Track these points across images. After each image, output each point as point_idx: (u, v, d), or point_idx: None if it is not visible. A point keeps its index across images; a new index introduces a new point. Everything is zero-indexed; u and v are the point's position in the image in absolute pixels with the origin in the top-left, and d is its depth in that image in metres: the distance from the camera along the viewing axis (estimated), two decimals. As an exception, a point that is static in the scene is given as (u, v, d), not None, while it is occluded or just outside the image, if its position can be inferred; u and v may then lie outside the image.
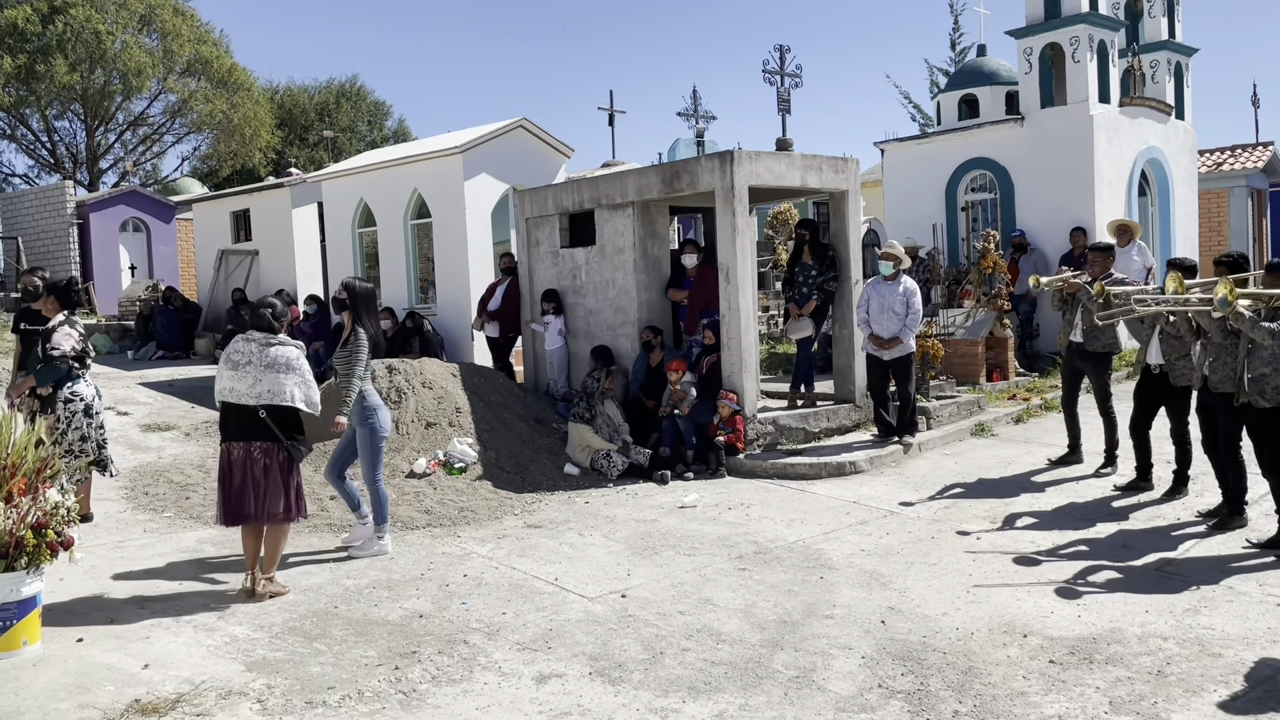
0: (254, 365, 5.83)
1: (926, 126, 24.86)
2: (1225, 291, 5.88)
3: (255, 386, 5.81)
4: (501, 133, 13.69)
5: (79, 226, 21.10)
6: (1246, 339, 6.13)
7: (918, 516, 7.39)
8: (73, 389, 7.42)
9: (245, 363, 5.84)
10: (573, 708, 4.37)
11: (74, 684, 4.63)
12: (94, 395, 7.59)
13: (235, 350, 5.92)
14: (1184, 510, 7.26)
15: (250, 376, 5.82)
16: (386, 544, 6.79)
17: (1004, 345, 12.39)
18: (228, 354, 5.93)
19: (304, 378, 5.94)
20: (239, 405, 5.85)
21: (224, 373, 5.87)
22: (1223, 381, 6.58)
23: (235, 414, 5.88)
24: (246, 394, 5.81)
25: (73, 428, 7.38)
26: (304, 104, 41.15)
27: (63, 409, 7.35)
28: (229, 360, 5.89)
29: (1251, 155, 21.26)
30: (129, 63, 28.78)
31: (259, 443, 5.86)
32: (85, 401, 7.46)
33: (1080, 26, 14.13)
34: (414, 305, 14.26)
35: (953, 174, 15.46)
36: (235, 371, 5.84)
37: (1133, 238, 12.27)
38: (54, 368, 7.36)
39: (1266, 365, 6.03)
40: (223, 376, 5.88)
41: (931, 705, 4.31)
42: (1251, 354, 6.13)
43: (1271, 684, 4.41)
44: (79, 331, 7.57)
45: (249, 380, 5.82)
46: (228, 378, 5.85)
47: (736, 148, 9.55)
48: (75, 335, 7.50)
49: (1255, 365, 6.11)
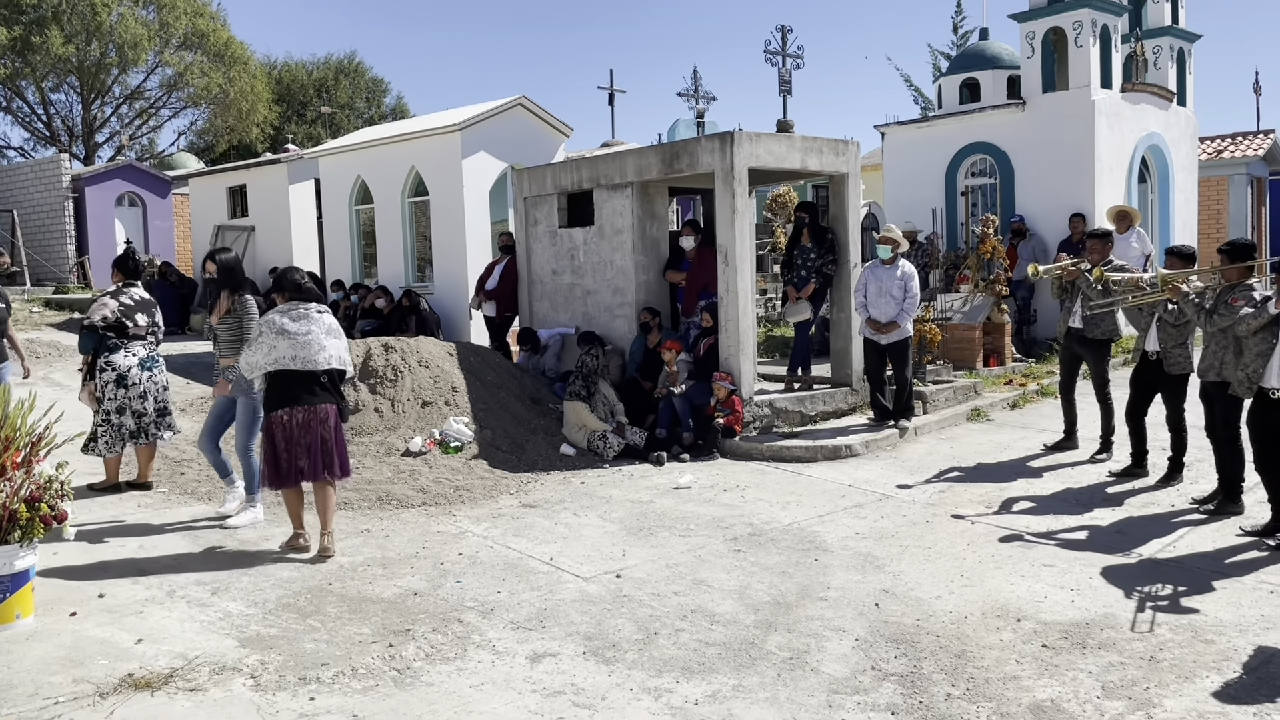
0: (316, 333, 6.12)
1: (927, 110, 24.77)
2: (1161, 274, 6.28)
3: (322, 353, 6.11)
4: (500, 111, 13.62)
5: (74, 200, 20.99)
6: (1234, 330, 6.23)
7: (913, 500, 7.40)
8: (108, 358, 7.55)
9: (306, 332, 6.10)
10: (566, 686, 4.37)
11: (67, 658, 4.63)
12: (133, 365, 7.62)
13: (290, 321, 6.11)
14: (1179, 497, 7.26)
15: (315, 344, 6.10)
16: (259, 511, 6.95)
17: (1001, 330, 12.39)
18: (279, 325, 6.08)
19: (346, 343, 6.39)
20: (301, 372, 6.07)
21: (279, 343, 6.04)
22: (1208, 370, 6.62)
23: (297, 380, 6.07)
24: (311, 360, 6.07)
25: (107, 397, 7.55)
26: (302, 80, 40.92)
27: (99, 378, 7.57)
28: (283, 331, 6.06)
29: (1252, 143, 21.20)
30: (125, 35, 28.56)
31: (323, 405, 6.12)
32: (118, 371, 7.56)
33: (1083, 11, 14.06)
34: (411, 283, 14.23)
35: (953, 158, 15.41)
36: (295, 340, 6.06)
37: (1132, 224, 12.24)
38: (86, 336, 7.58)
39: (1258, 359, 6.05)
40: (278, 346, 6.04)
41: (924, 688, 4.32)
42: (1242, 344, 6.19)
43: (1264, 671, 4.43)
44: (121, 302, 7.70)
45: (314, 348, 6.09)
46: (286, 346, 6.04)
47: (737, 129, 9.50)
48: (113, 305, 7.64)
49: (1247, 360, 6.14)
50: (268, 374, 6.11)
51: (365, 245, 16.12)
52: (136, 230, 21.79)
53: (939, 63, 27.03)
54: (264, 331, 6.09)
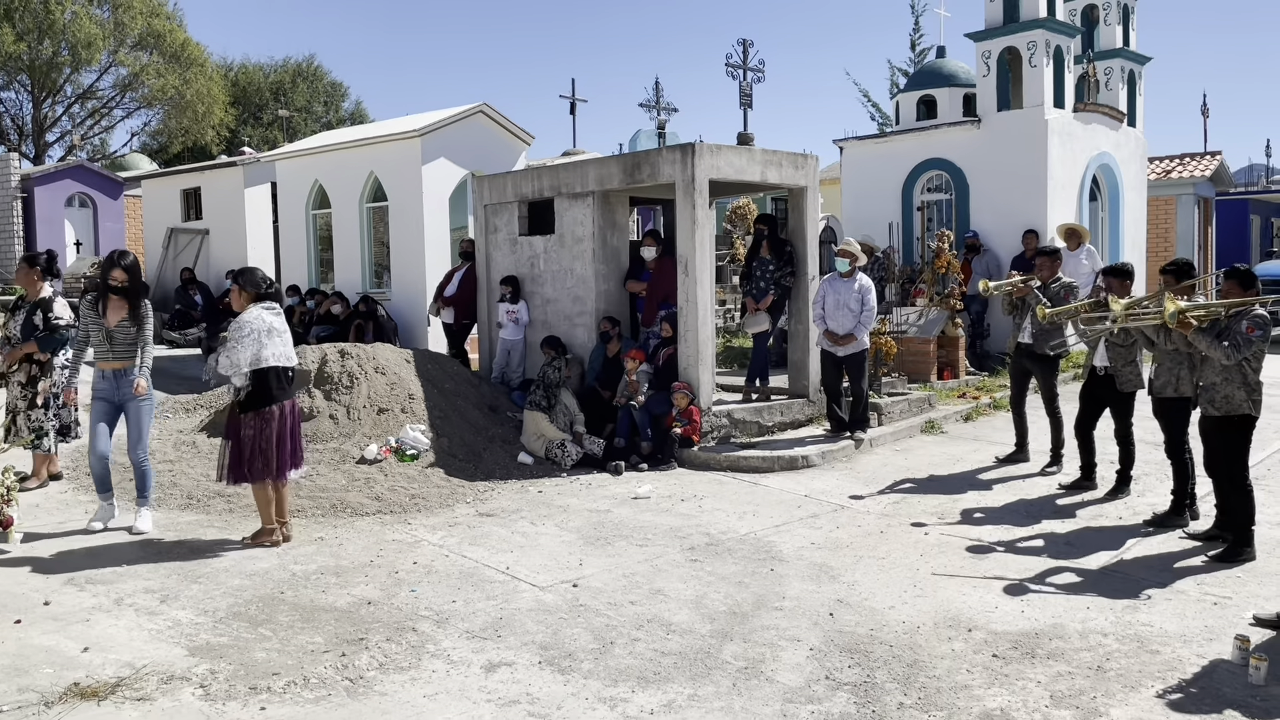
0: (286, 331, 6.45)
1: (885, 126, 25.09)
2: (1173, 309, 6.02)
3: (288, 348, 6.43)
4: (461, 118, 13.58)
5: (23, 200, 20.58)
6: None
7: (867, 511, 7.47)
8: (68, 356, 7.60)
9: (281, 329, 6.41)
10: (521, 696, 4.36)
11: (11, 666, 4.53)
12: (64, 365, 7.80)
13: (269, 320, 6.36)
14: (1125, 510, 7.41)
15: (285, 341, 6.42)
16: (148, 519, 6.81)
17: (955, 344, 12.56)
18: (268, 324, 6.32)
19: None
20: (282, 368, 6.37)
21: (265, 341, 6.28)
22: (1165, 387, 6.75)
23: (278, 377, 6.35)
24: (288, 357, 6.42)
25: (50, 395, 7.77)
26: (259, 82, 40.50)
27: (58, 375, 7.71)
28: (270, 330, 6.32)
29: (1200, 164, 21.73)
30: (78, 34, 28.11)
31: (289, 401, 6.47)
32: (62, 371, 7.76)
33: (1037, 32, 14.34)
34: (368, 289, 14.12)
35: (909, 173, 15.62)
36: (276, 339, 6.34)
37: (1082, 242, 12.49)
38: (59, 336, 7.66)
39: (1216, 375, 6.16)
40: (270, 344, 6.29)
41: (877, 697, 4.36)
42: (1204, 362, 6.26)
43: (1207, 680, 4.52)
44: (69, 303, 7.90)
45: (286, 344, 6.42)
46: (278, 344, 6.35)
47: (698, 140, 9.56)
48: (67, 306, 7.85)
49: (1206, 375, 6.25)
50: (253, 371, 6.24)
51: (322, 250, 15.97)
52: (87, 231, 21.42)
53: (897, 79, 27.40)
54: (252, 330, 6.23)
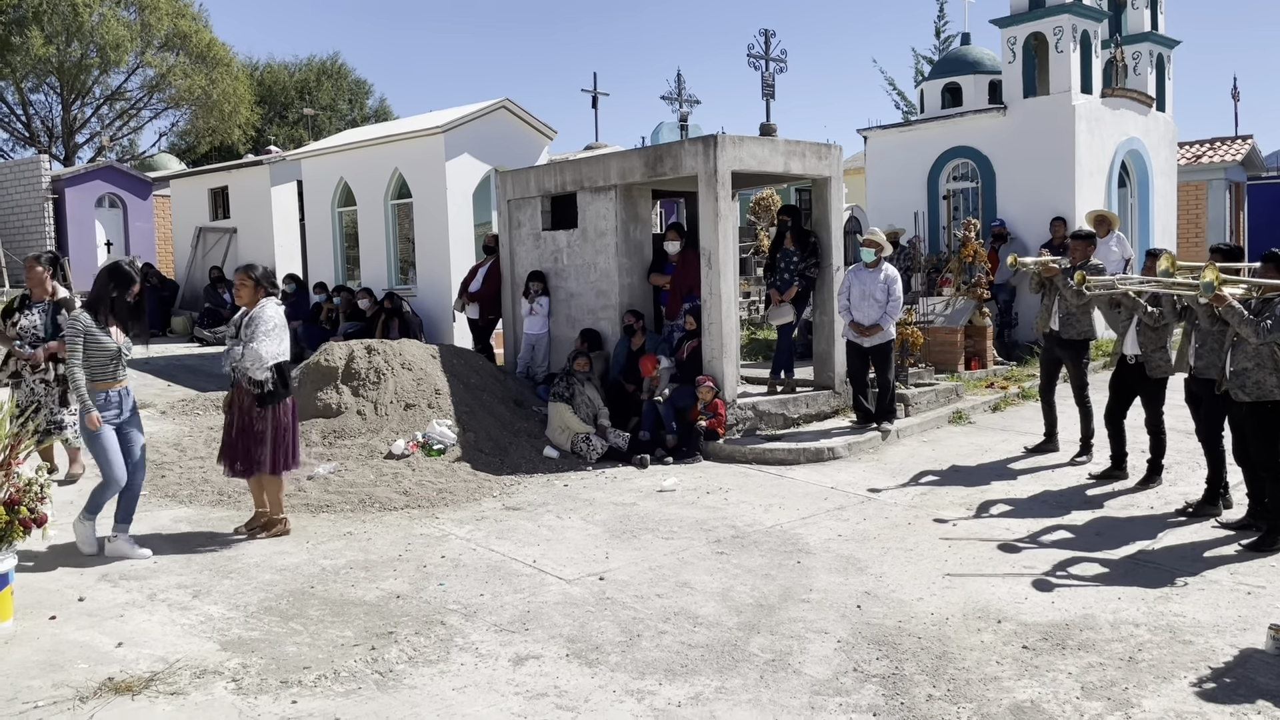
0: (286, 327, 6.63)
1: (910, 114, 24.90)
2: (1212, 276, 5.90)
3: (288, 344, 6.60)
4: (484, 113, 13.60)
5: (54, 201, 20.84)
6: (1233, 330, 6.15)
7: (894, 503, 7.43)
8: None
9: (285, 325, 6.57)
10: (549, 689, 4.38)
11: (46, 661, 4.59)
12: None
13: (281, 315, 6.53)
14: (1157, 499, 7.33)
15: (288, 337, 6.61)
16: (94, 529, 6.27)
17: (983, 334, 12.45)
18: (282, 320, 6.48)
19: None
20: (286, 363, 6.53)
21: (286, 336, 6.50)
22: (1209, 368, 6.60)
23: (282, 373, 6.48)
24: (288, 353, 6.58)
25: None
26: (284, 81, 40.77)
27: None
28: (286, 326, 6.52)
29: (1230, 148, 21.41)
30: (106, 36, 28.41)
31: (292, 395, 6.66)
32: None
33: (1064, 16, 14.17)
34: (393, 286, 14.19)
35: (935, 162, 15.49)
36: (286, 334, 6.53)
37: (1111, 229, 12.35)
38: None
39: (1249, 360, 6.06)
40: (285, 339, 6.50)
41: (906, 689, 4.34)
42: (1235, 346, 6.16)
43: (1240, 670, 4.47)
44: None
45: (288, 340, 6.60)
46: (289, 341, 6.58)
47: (720, 132, 9.52)
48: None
49: (1238, 359, 6.14)
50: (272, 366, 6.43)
51: (348, 247, 16.06)
52: (117, 231, 21.66)
53: (922, 67, 27.16)
54: (275, 325, 6.40)
